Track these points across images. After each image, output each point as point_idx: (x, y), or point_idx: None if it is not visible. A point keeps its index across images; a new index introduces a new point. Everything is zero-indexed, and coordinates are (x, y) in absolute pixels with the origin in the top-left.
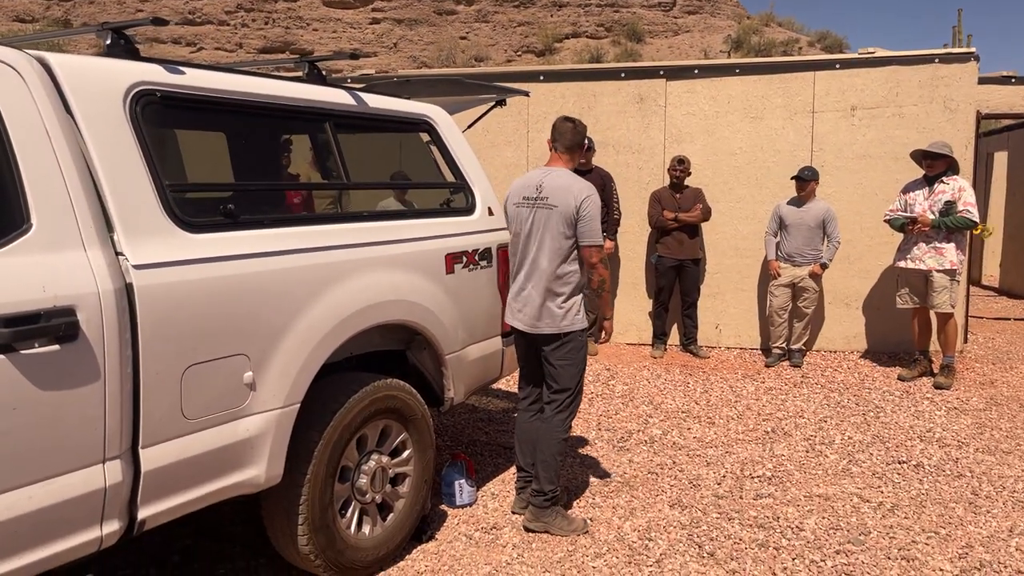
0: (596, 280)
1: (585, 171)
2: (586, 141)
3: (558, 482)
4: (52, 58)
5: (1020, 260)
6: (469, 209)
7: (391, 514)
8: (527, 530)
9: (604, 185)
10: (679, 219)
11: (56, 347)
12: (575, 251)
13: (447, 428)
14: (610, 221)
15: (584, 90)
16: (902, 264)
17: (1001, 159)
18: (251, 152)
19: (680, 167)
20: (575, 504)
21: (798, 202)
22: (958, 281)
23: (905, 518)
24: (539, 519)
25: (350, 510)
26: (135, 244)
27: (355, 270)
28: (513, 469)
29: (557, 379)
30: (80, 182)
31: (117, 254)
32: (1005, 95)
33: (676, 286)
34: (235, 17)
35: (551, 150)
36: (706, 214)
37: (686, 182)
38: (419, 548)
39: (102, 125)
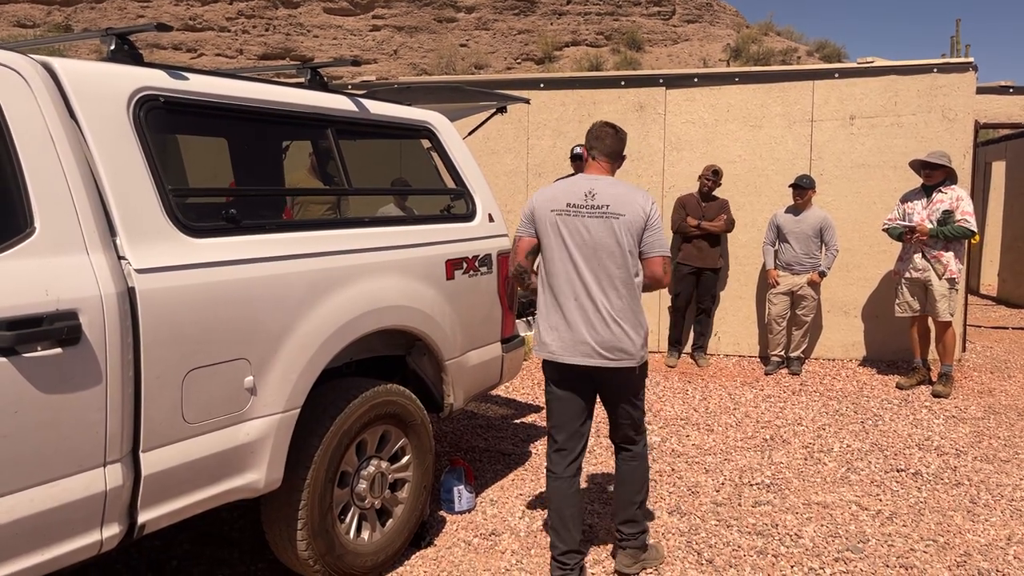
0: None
1: None
2: (578, 148)
3: None
4: (57, 63)
5: (1018, 270)
6: (470, 215)
7: (390, 520)
8: (624, 574)
9: None
10: (701, 227)
11: (58, 350)
12: (638, 263)
13: (446, 434)
14: None
15: (584, 98)
16: (901, 272)
17: (999, 169)
18: (253, 157)
19: (714, 178)
20: None
21: (795, 211)
22: (957, 290)
23: (903, 526)
24: (639, 560)
25: (349, 515)
26: (137, 248)
27: (356, 275)
28: (511, 476)
29: (632, 414)
30: (83, 186)
31: (120, 258)
32: (1003, 105)
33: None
34: (236, 23)
35: (586, 158)
36: (729, 225)
37: (715, 192)
38: (418, 554)
39: (106, 130)
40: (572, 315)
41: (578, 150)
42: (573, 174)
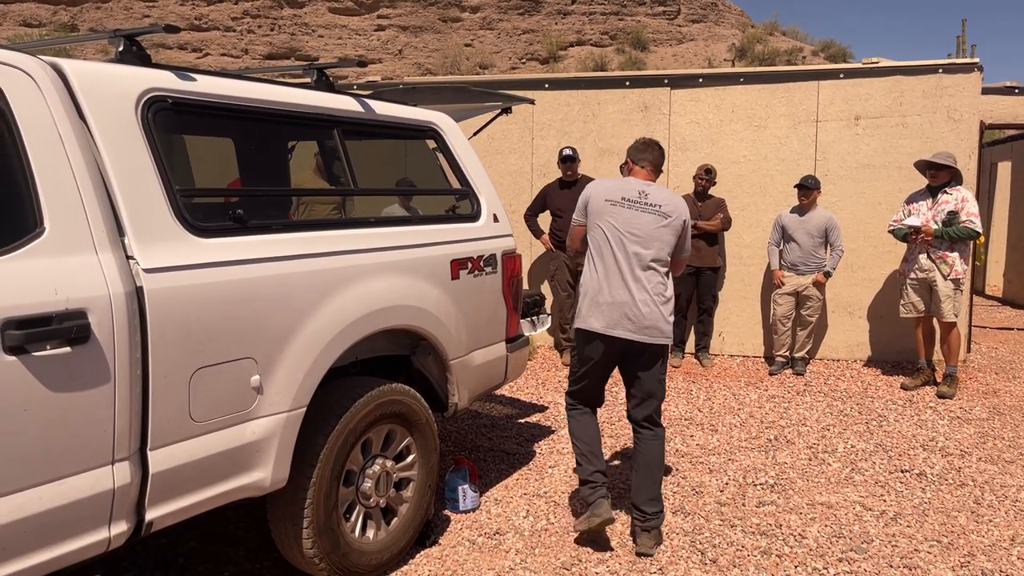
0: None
1: (571, 182)
2: (568, 151)
3: None
4: (66, 64)
5: (1023, 270)
6: (474, 216)
7: (395, 518)
8: (647, 555)
9: None
10: (698, 226)
11: (67, 349)
12: (669, 257)
13: (450, 434)
14: None
15: (589, 98)
16: (906, 273)
17: (1005, 169)
18: (260, 158)
19: (707, 176)
20: (580, 512)
21: (800, 211)
22: (962, 290)
23: (908, 527)
24: (659, 535)
25: (355, 514)
26: (146, 248)
27: (361, 275)
28: (515, 475)
29: (655, 392)
30: (92, 187)
31: (128, 258)
32: (1008, 106)
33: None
34: (241, 23)
35: (633, 166)
36: (726, 224)
37: (710, 191)
38: (423, 553)
39: (114, 131)
40: (617, 293)
41: (568, 151)
42: (564, 177)
